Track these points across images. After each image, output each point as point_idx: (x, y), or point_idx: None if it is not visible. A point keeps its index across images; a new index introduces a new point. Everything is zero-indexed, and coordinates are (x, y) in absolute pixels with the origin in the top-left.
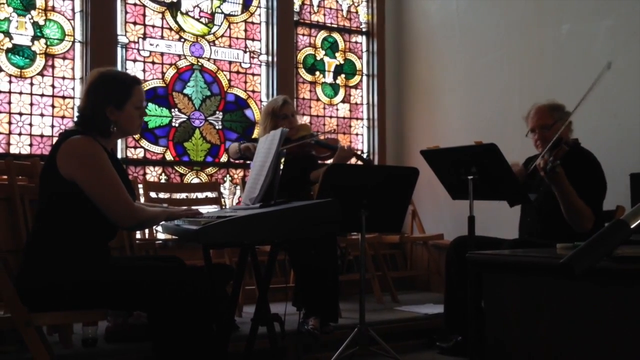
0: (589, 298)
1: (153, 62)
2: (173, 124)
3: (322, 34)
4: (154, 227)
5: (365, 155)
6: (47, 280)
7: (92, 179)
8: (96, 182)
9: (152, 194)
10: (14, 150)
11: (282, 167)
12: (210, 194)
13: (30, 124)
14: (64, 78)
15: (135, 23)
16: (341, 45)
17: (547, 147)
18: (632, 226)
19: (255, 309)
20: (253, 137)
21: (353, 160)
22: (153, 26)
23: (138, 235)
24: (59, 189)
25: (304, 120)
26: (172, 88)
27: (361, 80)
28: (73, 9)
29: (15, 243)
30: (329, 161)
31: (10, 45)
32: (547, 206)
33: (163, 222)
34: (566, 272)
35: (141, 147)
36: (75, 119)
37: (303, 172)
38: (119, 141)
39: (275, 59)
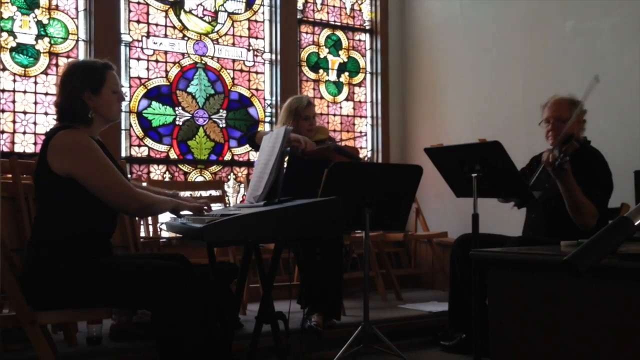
0: (593, 295)
1: (157, 61)
2: (177, 123)
3: (326, 32)
4: (159, 226)
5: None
6: (51, 279)
7: (88, 170)
8: (93, 173)
9: None
10: (18, 149)
11: (291, 166)
12: (214, 192)
13: (35, 123)
14: None
15: (138, 21)
16: (345, 43)
17: (558, 141)
18: (636, 223)
19: (259, 306)
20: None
21: None
22: (157, 24)
23: (142, 233)
24: (54, 186)
25: None
26: (175, 86)
27: (365, 78)
28: (77, 8)
29: (20, 242)
30: None
31: (14, 44)
32: (552, 204)
33: (167, 221)
34: (569, 269)
35: (145, 145)
36: (55, 115)
37: (315, 175)
38: (122, 139)
39: (278, 57)
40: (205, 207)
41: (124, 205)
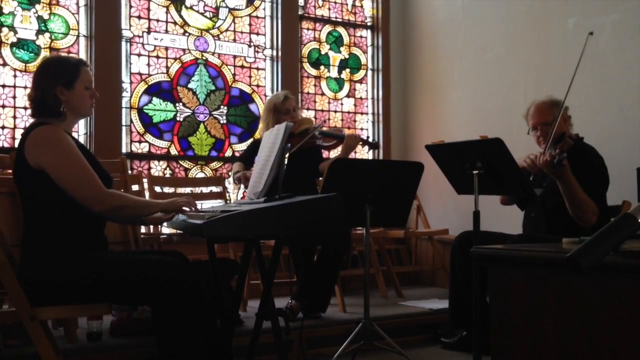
0: (594, 293)
1: (157, 57)
2: (177, 119)
3: (327, 28)
4: (159, 224)
5: (371, 139)
6: (47, 276)
7: (57, 163)
8: (62, 166)
9: (157, 189)
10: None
11: (286, 162)
12: (214, 189)
13: None
14: None
15: (139, 17)
16: (346, 39)
17: (548, 142)
18: None
19: (259, 303)
20: (256, 135)
21: (359, 146)
22: (157, 20)
23: (143, 229)
24: (32, 181)
25: (309, 114)
26: (176, 82)
27: (366, 75)
28: (77, 3)
29: (20, 237)
30: (338, 149)
31: (14, 40)
32: (551, 201)
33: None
34: (572, 266)
35: (146, 141)
36: (30, 109)
37: (309, 166)
38: (123, 136)
39: (279, 53)
40: (186, 207)
41: (89, 204)
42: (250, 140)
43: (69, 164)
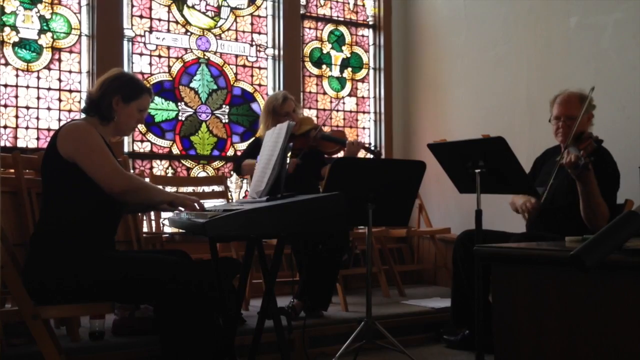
0: (598, 291)
1: (159, 56)
2: (179, 118)
3: (329, 27)
4: (162, 221)
5: (373, 147)
6: (53, 275)
7: (84, 150)
8: (87, 152)
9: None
10: (21, 144)
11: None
12: (217, 188)
13: (37, 118)
14: (70, 72)
15: (141, 16)
16: (348, 38)
17: (569, 140)
18: None
19: (261, 302)
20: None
21: (362, 153)
22: (159, 19)
23: (145, 229)
24: (60, 172)
25: (310, 114)
26: (178, 82)
27: (368, 74)
28: (79, 2)
29: (23, 237)
30: (340, 154)
31: (16, 39)
32: (560, 202)
33: (170, 216)
34: (577, 264)
35: (148, 141)
36: (84, 103)
37: (311, 168)
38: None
39: (281, 53)
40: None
41: (112, 182)
42: (252, 139)
43: (94, 150)
